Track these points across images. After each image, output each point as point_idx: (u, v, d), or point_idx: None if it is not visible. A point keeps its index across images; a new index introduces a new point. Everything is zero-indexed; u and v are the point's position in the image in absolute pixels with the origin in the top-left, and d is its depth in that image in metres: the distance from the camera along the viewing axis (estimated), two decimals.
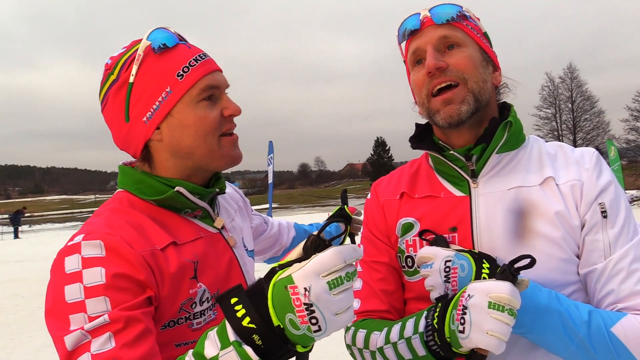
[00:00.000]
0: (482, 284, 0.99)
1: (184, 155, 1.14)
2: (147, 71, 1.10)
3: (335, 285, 0.80)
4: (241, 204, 1.51)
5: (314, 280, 0.79)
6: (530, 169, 1.23)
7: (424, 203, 1.29)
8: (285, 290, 0.80)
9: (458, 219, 1.23)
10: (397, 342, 1.13)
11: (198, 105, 1.12)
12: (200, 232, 1.17)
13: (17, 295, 9.71)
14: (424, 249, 1.17)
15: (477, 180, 1.24)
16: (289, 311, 0.79)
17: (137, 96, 1.11)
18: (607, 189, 1.17)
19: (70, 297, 0.93)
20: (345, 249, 0.83)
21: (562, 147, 1.29)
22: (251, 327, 0.80)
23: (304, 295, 0.78)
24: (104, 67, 1.15)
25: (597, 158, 1.22)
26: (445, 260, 1.10)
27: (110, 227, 1.02)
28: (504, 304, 0.94)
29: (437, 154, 1.28)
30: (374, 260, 1.34)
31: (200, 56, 1.16)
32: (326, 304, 0.79)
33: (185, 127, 1.12)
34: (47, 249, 19.03)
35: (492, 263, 1.09)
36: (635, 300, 1.10)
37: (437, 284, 1.10)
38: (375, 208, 1.39)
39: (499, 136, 1.22)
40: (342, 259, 0.81)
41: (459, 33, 1.22)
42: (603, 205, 1.16)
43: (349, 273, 0.82)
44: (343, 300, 0.81)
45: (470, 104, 1.19)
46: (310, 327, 0.79)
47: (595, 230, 1.15)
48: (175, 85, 1.11)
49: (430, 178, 1.32)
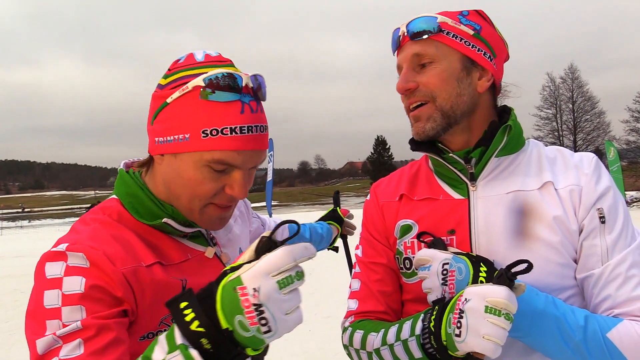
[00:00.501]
0: (479, 288, 0.99)
1: (170, 194, 1.10)
2: (182, 106, 1.03)
3: (286, 285, 0.79)
4: (242, 208, 1.48)
5: (264, 280, 0.78)
6: (529, 173, 1.23)
7: (422, 205, 1.29)
8: (234, 292, 0.78)
9: (456, 221, 1.23)
10: (394, 343, 1.13)
11: (202, 168, 1.03)
12: (187, 253, 1.14)
13: (16, 290, 9.72)
14: (422, 251, 1.18)
15: (476, 183, 1.24)
16: (238, 313, 0.78)
17: (163, 117, 1.06)
18: (605, 195, 1.17)
19: (48, 302, 0.92)
20: (295, 247, 0.81)
21: (562, 151, 1.28)
22: (200, 330, 0.78)
23: (253, 296, 0.77)
24: (175, 61, 1.10)
25: (596, 163, 1.22)
26: (443, 263, 1.11)
27: (94, 240, 1.00)
28: (500, 309, 0.95)
29: (436, 156, 1.28)
30: (372, 262, 1.35)
31: (245, 128, 1.02)
32: (276, 304, 0.78)
33: (179, 176, 1.06)
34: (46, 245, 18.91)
35: (490, 266, 1.09)
36: (631, 306, 1.10)
37: (434, 286, 1.11)
38: (375, 209, 1.39)
39: (498, 139, 1.22)
40: (293, 257, 0.80)
41: (432, 48, 1.21)
42: (601, 211, 1.16)
43: (298, 272, 0.81)
44: (292, 299, 0.81)
45: (437, 121, 1.21)
46: (260, 328, 0.78)
47: (593, 235, 1.15)
48: (194, 139, 1.01)
49: (429, 180, 1.33)
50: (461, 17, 1.23)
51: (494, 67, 1.25)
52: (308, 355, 5.17)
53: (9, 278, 11.34)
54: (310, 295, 8.04)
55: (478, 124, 1.25)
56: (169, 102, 1.04)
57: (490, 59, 1.24)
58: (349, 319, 1.33)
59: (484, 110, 1.26)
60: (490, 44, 1.24)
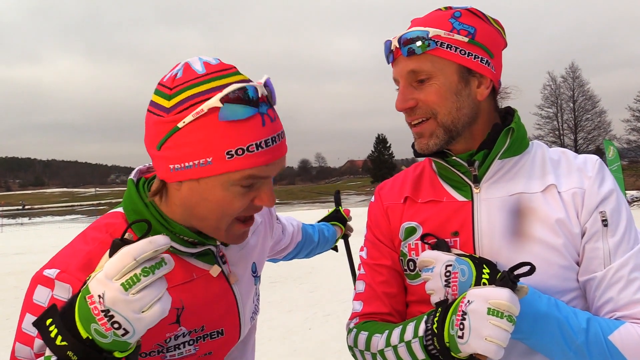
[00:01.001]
0: (481, 290, 0.99)
1: (192, 216, 1.06)
2: (199, 129, 0.95)
3: (131, 285, 0.78)
4: (266, 217, 1.42)
5: (107, 285, 0.78)
6: (532, 176, 1.23)
7: (427, 208, 1.30)
8: (84, 301, 0.79)
9: (460, 223, 1.23)
10: (398, 345, 1.13)
11: (231, 188, 1.00)
12: (193, 273, 1.10)
13: (17, 287, 9.73)
14: (425, 252, 1.17)
15: (479, 185, 1.25)
16: (92, 321, 0.78)
17: (176, 143, 0.98)
18: (608, 198, 1.17)
19: (26, 326, 0.93)
20: (134, 246, 0.80)
21: (566, 153, 1.28)
22: (64, 344, 0.78)
23: (99, 303, 0.77)
24: (173, 75, 1.00)
25: (600, 166, 1.22)
26: (446, 265, 1.11)
27: (87, 270, 0.96)
28: (503, 311, 0.95)
29: (439, 159, 1.29)
30: (376, 263, 1.35)
31: (269, 140, 0.99)
32: (125, 305, 0.77)
33: (205, 200, 1.01)
34: (47, 242, 19.06)
35: (493, 268, 1.09)
36: (633, 309, 1.10)
37: (437, 287, 1.11)
38: (379, 211, 1.39)
39: (501, 142, 1.22)
40: (132, 257, 0.79)
41: (427, 64, 1.19)
42: (604, 214, 1.16)
43: (145, 268, 0.80)
44: (145, 296, 0.79)
45: (440, 136, 1.21)
46: (116, 332, 0.78)
47: (595, 238, 1.16)
48: (219, 161, 0.96)
49: (433, 183, 1.33)
50: (454, 20, 1.20)
51: (492, 71, 1.23)
52: (308, 353, 5.17)
53: (9, 275, 11.37)
54: (310, 294, 8.05)
55: (481, 130, 1.25)
56: (180, 126, 0.96)
57: (488, 63, 1.22)
58: (353, 321, 1.34)
59: (485, 116, 1.26)
60: (486, 45, 1.21)
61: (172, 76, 1.00)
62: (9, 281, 10.55)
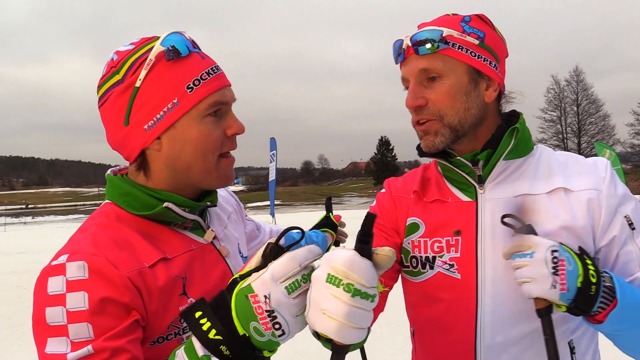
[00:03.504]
0: (331, 252, 0.81)
1: (179, 170, 1.11)
2: (156, 78, 1.05)
3: (293, 289, 0.82)
4: (236, 207, 1.49)
5: (273, 287, 0.81)
6: (537, 177, 1.24)
7: (432, 206, 1.31)
8: (246, 300, 0.81)
9: (464, 222, 1.24)
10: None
11: (203, 120, 1.08)
12: (191, 244, 1.14)
13: (19, 287, 9.75)
14: (522, 236, 1.07)
15: (484, 185, 1.25)
16: (253, 319, 0.81)
17: (141, 102, 1.06)
18: (627, 199, 1.20)
19: (52, 319, 0.91)
20: (299, 252, 0.84)
21: (573, 156, 1.30)
22: (218, 338, 0.81)
23: (264, 303, 0.80)
24: (109, 62, 1.09)
25: (610, 167, 1.24)
26: (552, 250, 1.02)
27: (96, 246, 0.98)
28: (340, 278, 0.77)
29: (443, 160, 1.29)
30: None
31: (212, 69, 1.11)
32: (286, 308, 0.81)
33: (186, 142, 1.08)
34: (50, 241, 19.09)
35: (594, 261, 1.07)
36: None
37: (540, 275, 1.01)
38: (388, 200, 1.42)
39: (505, 142, 1.23)
40: (297, 262, 0.83)
41: (439, 63, 1.20)
42: (629, 218, 1.18)
43: (304, 275, 0.83)
44: (302, 302, 0.83)
45: (445, 135, 1.22)
46: (275, 332, 0.81)
47: (626, 242, 1.18)
48: (184, 98, 1.06)
49: (439, 184, 1.34)
50: (464, 24, 1.22)
51: (499, 75, 1.25)
52: (309, 354, 5.16)
53: (13, 274, 11.38)
54: None
55: (485, 131, 1.27)
56: (138, 85, 1.05)
57: (495, 67, 1.24)
58: None
59: (491, 119, 1.27)
60: (494, 50, 1.24)
61: (109, 63, 1.09)
62: (12, 280, 10.57)
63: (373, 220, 0.78)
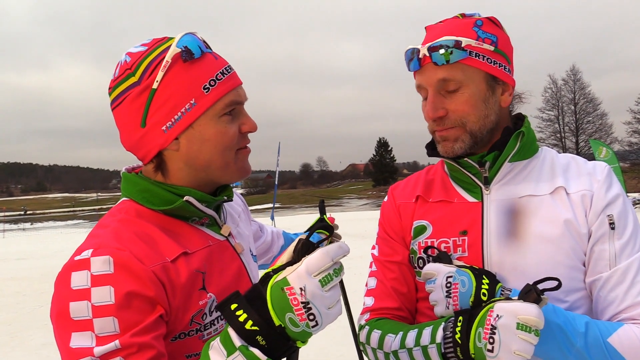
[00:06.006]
0: (510, 305, 1.02)
1: (199, 168, 1.13)
2: (173, 80, 1.06)
3: (326, 282, 0.87)
4: (243, 207, 1.50)
5: (308, 280, 0.86)
6: (541, 179, 1.26)
7: (437, 207, 1.33)
8: (282, 292, 0.86)
9: (469, 223, 1.26)
10: (412, 348, 1.16)
11: (220, 119, 1.11)
12: (208, 240, 1.16)
13: (19, 293, 9.74)
14: (428, 265, 1.22)
15: (489, 187, 1.27)
16: (288, 311, 0.85)
17: (158, 104, 1.06)
18: (615, 202, 1.21)
19: (77, 314, 0.91)
20: (331, 248, 0.90)
21: (575, 158, 1.32)
22: (254, 329, 0.85)
23: (300, 295, 0.85)
24: (122, 64, 1.09)
25: (608, 171, 1.26)
26: (447, 276, 1.15)
27: (120, 241, 0.99)
28: (531, 325, 0.98)
29: (452, 161, 1.31)
30: (388, 260, 1.39)
31: (226, 69, 1.13)
32: (321, 300, 0.86)
33: (205, 141, 1.10)
34: (48, 247, 19.08)
35: (492, 279, 1.14)
36: (635, 311, 1.13)
37: (439, 299, 1.15)
38: (392, 209, 1.43)
39: (511, 145, 1.25)
40: (330, 257, 0.89)
41: (459, 73, 1.20)
42: (611, 217, 1.19)
43: (336, 269, 0.90)
44: (334, 295, 0.89)
45: (465, 141, 1.24)
46: (309, 323, 0.86)
47: (602, 240, 1.19)
48: (201, 98, 1.08)
49: (445, 184, 1.36)
50: (477, 29, 1.21)
51: (513, 79, 1.27)
52: (309, 359, 5.16)
53: (11, 281, 11.35)
54: None
55: (497, 135, 1.28)
56: (155, 87, 1.06)
57: (509, 71, 1.25)
58: (365, 316, 1.37)
59: (503, 122, 1.29)
60: (506, 53, 1.24)
61: (122, 65, 1.09)
62: (10, 286, 10.54)
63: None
